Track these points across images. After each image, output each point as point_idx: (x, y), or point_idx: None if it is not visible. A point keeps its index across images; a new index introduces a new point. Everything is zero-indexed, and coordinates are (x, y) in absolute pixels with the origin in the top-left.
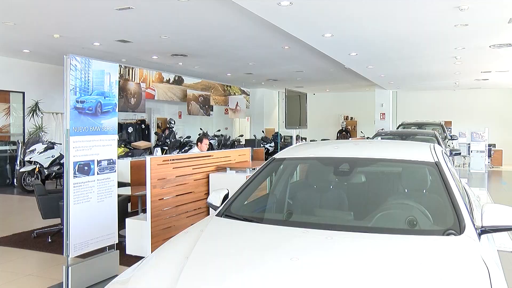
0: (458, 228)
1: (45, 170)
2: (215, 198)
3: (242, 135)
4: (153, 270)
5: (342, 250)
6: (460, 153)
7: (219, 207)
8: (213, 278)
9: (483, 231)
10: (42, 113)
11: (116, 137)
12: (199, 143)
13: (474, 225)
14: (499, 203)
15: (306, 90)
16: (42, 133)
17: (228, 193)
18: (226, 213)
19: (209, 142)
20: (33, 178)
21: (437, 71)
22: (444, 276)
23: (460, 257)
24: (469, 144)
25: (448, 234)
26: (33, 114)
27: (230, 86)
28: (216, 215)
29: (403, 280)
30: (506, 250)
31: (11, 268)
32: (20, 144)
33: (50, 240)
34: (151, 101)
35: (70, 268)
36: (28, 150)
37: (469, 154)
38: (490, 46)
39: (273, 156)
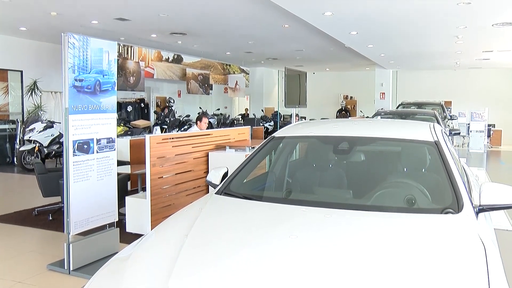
0: (456, 206)
1: (45, 149)
2: (214, 176)
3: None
4: (153, 248)
5: (341, 228)
6: (459, 133)
7: (218, 185)
8: (212, 256)
9: (481, 209)
10: (40, 92)
11: (115, 115)
12: (198, 122)
13: (472, 203)
14: (497, 182)
15: (306, 69)
16: (41, 112)
17: (227, 171)
18: (225, 191)
19: (209, 121)
20: (33, 157)
21: (438, 50)
22: (441, 253)
23: (458, 234)
24: (468, 124)
25: (446, 213)
26: (31, 93)
27: (229, 65)
28: (215, 193)
29: (400, 257)
30: (502, 229)
31: (13, 244)
32: (19, 123)
33: (51, 218)
34: (150, 80)
35: (71, 245)
36: (28, 129)
37: (468, 134)
38: (493, 25)
39: (273, 135)
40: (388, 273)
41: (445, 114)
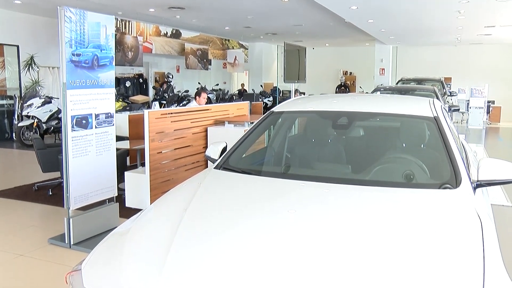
0: (454, 182)
1: (44, 125)
2: (213, 151)
3: (244, 90)
4: (152, 222)
5: (339, 202)
6: (458, 109)
7: (217, 160)
8: (211, 230)
9: (478, 185)
10: (38, 67)
11: (114, 90)
12: (197, 97)
13: (470, 179)
14: (495, 158)
15: (305, 45)
16: (39, 88)
17: (226, 146)
18: (224, 166)
19: (208, 96)
20: (31, 133)
21: (439, 25)
22: (439, 227)
23: (455, 209)
24: (468, 100)
25: (444, 188)
26: (28, 68)
27: (228, 40)
28: (214, 168)
29: (398, 230)
30: (499, 204)
31: (14, 219)
32: (17, 99)
33: (51, 193)
34: (148, 55)
35: (71, 220)
36: (26, 104)
37: (467, 110)
38: None
39: (272, 109)
40: (386, 246)
41: (444, 91)
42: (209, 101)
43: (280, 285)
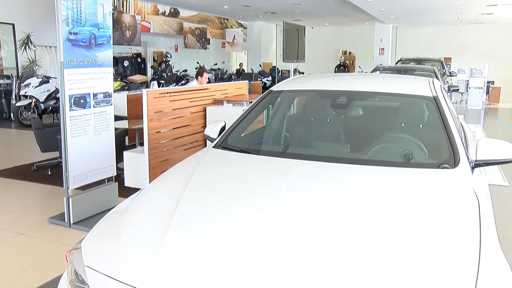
0: (453, 161)
1: (42, 105)
2: (212, 130)
3: (242, 70)
4: (151, 201)
5: (338, 181)
6: (458, 90)
7: (215, 139)
8: (209, 208)
9: (477, 164)
10: (34, 47)
11: (112, 69)
12: (199, 77)
13: (468, 159)
14: (494, 137)
15: (304, 24)
16: (36, 67)
17: (225, 125)
18: (222, 145)
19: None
20: (29, 112)
21: (440, 4)
22: (436, 206)
23: (453, 189)
24: (467, 81)
25: (442, 167)
26: (25, 47)
27: (227, 19)
28: (212, 147)
29: (396, 209)
30: (496, 184)
31: (14, 198)
32: (14, 78)
33: (50, 173)
34: (146, 34)
35: (70, 199)
36: (23, 84)
37: (467, 91)
38: None
39: (270, 88)
40: (384, 224)
41: (444, 71)
42: (208, 80)
43: (277, 264)
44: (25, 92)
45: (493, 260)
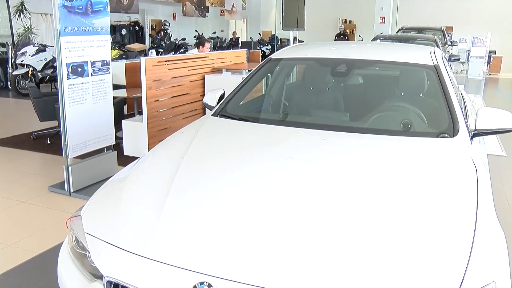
0: (452, 130)
1: (39, 74)
2: (210, 98)
3: (236, 38)
4: (150, 169)
5: (337, 149)
6: (459, 59)
7: (214, 107)
8: (208, 176)
9: (476, 134)
10: (29, 14)
11: (109, 37)
12: (200, 47)
13: (467, 128)
14: (493, 107)
15: None
16: (32, 35)
17: (224, 93)
18: (221, 113)
19: None
20: (27, 81)
21: None
22: (435, 175)
23: (451, 158)
24: (468, 50)
25: (442, 137)
26: (19, 15)
27: None
28: (211, 115)
29: (394, 177)
30: (494, 154)
31: (13, 167)
32: (10, 46)
33: (49, 142)
34: (144, 1)
35: (70, 168)
36: (19, 52)
37: (468, 60)
38: None
39: (270, 56)
40: (382, 192)
41: (445, 40)
42: (209, 50)
43: (275, 229)
44: (22, 61)
45: (489, 226)
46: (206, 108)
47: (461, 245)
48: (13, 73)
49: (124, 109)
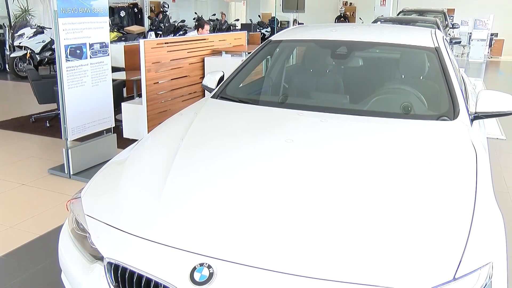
0: (452, 113)
1: (37, 56)
2: (210, 80)
3: (237, 19)
4: (149, 151)
5: (337, 132)
6: (460, 42)
7: (214, 89)
8: (208, 158)
9: (476, 117)
10: None
11: (108, 19)
12: (200, 29)
13: (468, 111)
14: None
15: None
16: (29, 17)
17: (223, 75)
18: (221, 95)
19: None
20: (25, 64)
21: None
22: (435, 157)
23: (451, 140)
24: (470, 33)
25: (442, 120)
26: None
27: None
28: (211, 97)
29: (393, 159)
30: (494, 137)
31: (13, 150)
32: (7, 28)
33: (49, 125)
34: None
35: (69, 150)
36: (16, 34)
37: (469, 43)
38: None
39: (269, 38)
40: (381, 174)
41: (446, 23)
42: (208, 32)
43: (274, 210)
44: (20, 43)
45: (487, 208)
46: (205, 90)
47: (459, 226)
48: (11, 56)
49: (124, 91)
